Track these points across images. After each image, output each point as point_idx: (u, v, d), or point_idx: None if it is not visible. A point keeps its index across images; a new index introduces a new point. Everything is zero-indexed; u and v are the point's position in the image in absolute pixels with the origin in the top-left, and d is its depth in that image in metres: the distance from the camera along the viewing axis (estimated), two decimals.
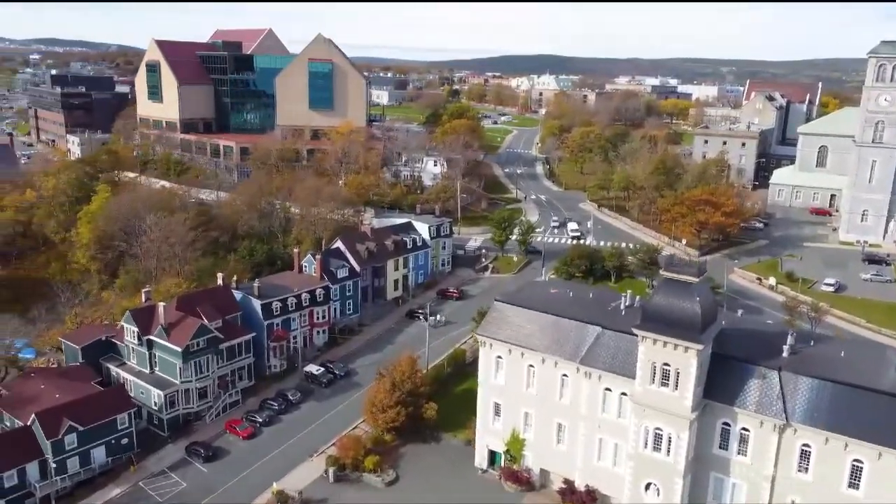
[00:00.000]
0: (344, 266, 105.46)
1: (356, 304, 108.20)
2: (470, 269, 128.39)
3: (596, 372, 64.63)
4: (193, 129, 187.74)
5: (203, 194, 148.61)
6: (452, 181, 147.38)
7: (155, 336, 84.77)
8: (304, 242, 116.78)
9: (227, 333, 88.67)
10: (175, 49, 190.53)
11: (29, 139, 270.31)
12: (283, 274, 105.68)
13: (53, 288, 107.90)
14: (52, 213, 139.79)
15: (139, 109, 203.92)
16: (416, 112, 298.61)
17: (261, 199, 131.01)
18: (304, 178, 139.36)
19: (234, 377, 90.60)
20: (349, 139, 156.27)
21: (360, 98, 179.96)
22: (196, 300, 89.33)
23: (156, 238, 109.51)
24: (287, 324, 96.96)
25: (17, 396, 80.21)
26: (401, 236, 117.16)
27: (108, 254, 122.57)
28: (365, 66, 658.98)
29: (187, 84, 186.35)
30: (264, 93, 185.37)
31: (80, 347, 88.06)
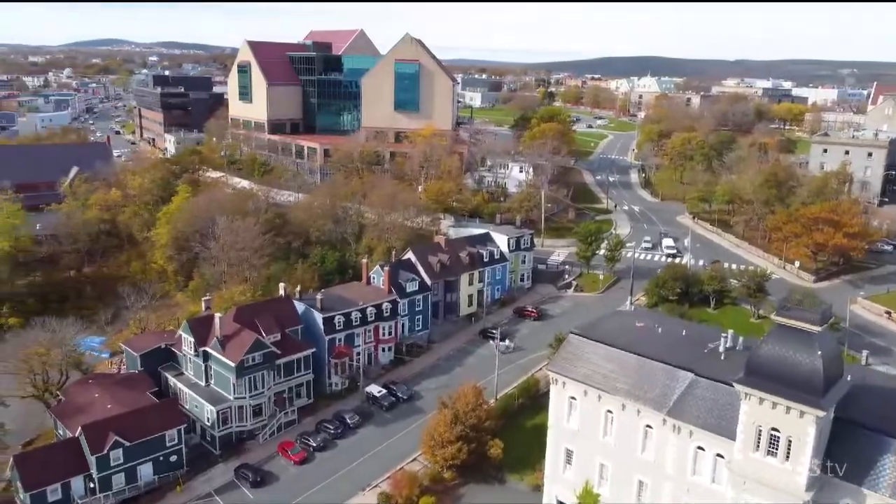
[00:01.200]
0: (414, 279, 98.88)
1: (426, 320, 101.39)
2: (551, 285, 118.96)
3: (686, 427, 54.51)
4: (280, 129, 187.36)
5: (281, 196, 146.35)
6: (537, 189, 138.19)
7: (211, 348, 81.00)
8: (375, 251, 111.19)
9: (286, 348, 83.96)
10: (265, 50, 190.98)
11: (134, 137, 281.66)
12: (350, 285, 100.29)
13: (128, 289, 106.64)
14: (138, 212, 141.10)
15: (230, 110, 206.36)
16: (506, 115, 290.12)
17: (336, 204, 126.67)
18: (381, 182, 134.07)
19: (292, 394, 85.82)
20: (431, 142, 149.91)
21: (446, 100, 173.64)
22: (255, 311, 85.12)
23: (226, 242, 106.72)
24: (350, 339, 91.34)
25: (71, 404, 78.42)
26: (477, 248, 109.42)
27: (183, 255, 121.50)
28: (460, 68, 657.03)
29: (276, 85, 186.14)
30: (351, 94, 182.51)
31: (139, 355, 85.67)
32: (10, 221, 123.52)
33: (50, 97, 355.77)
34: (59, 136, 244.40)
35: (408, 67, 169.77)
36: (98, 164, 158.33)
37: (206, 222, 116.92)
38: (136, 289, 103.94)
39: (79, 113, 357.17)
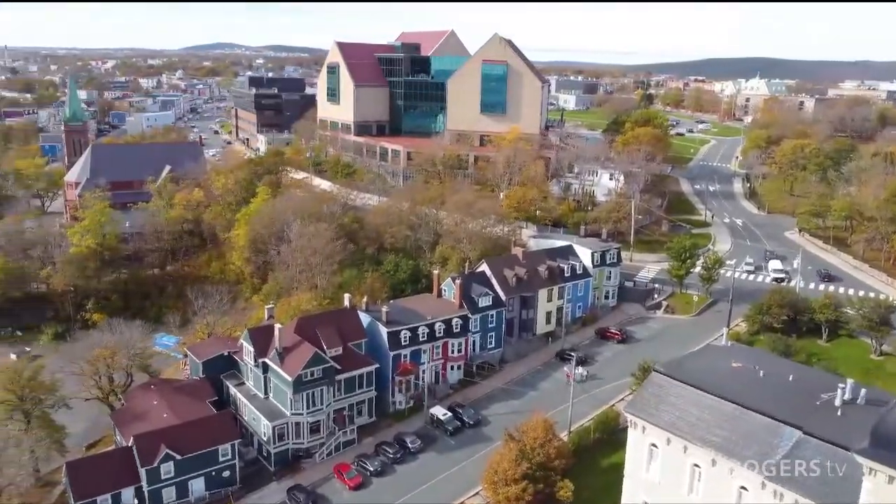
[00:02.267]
0: (487, 294, 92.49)
1: (499, 338, 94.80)
2: (639, 305, 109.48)
3: (791, 494, 45.55)
4: (366, 131, 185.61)
5: (361, 199, 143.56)
6: (628, 198, 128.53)
7: (270, 360, 77.73)
8: (449, 261, 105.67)
9: (347, 363, 79.60)
10: (354, 51, 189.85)
11: (230, 137, 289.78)
12: (420, 297, 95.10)
13: (199, 290, 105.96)
14: (222, 212, 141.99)
15: (319, 111, 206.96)
16: (600, 118, 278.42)
17: (413, 209, 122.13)
18: (462, 187, 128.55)
19: (353, 412, 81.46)
20: (516, 147, 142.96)
21: (535, 102, 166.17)
22: (317, 323, 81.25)
23: (298, 246, 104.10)
24: (416, 356, 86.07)
25: (130, 410, 77.19)
26: (557, 262, 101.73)
27: (259, 258, 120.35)
28: (555, 70, 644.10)
29: (363, 86, 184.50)
30: (437, 96, 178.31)
31: (202, 362, 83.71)
32: (97, 220, 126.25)
33: (157, 98, 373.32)
34: (162, 136, 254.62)
35: (495, 69, 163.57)
36: (188, 163, 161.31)
37: (282, 225, 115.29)
38: (215, 290, 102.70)
39: (183, 113, 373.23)
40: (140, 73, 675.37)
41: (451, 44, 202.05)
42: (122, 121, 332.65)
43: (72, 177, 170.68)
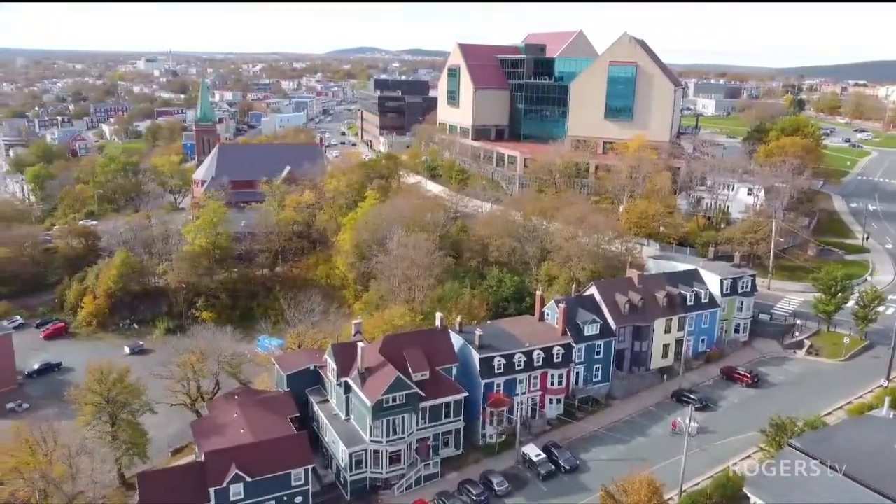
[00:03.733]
0: (595, 321, 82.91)
1: (606, 371, 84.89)
2: (775, 342, 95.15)
3: None
4: (485, 135, 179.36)
5: (471, 207, 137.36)
6: (768, 217, 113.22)
7: (351, 380, 72.89)
8: (556, 281, 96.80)
9: (434, 389, 73.28)
10: (476, 53, 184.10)
11: (356, 139, 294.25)
12: (519, 320, 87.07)
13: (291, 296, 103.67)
14: (333, 215, 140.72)
15: (438, 114, 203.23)
16: (741, 125, 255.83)
17: (525, 219, 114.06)
18: (576, 198, 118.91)
19: (437, 443, 75.07)
20: (641, 155, 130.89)
21: (666, 107, 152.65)
22: (405, 343, 75.47)
23: (397, 256, 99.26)
24: (511, 386, 78.32)
25: (210, 421, 74.92)
26: (679, 288, 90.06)
27: (362, 265, 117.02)
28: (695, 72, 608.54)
29: (483, 89, 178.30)
30: (559, 99, 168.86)
31: (287, 375, 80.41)
32: (210, 219, 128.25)
33: (292, 99, 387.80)
34: (292, 136, 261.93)
35: (623, 70, 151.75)
36: (308, 164, 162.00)
37: (386, 232, 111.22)
38: (306, 297, 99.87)
39: (316, 114, 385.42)
40: (284, 76, 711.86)
41: (579, 45, 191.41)
42: (258, 121, 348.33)
43: (199, 175, 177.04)
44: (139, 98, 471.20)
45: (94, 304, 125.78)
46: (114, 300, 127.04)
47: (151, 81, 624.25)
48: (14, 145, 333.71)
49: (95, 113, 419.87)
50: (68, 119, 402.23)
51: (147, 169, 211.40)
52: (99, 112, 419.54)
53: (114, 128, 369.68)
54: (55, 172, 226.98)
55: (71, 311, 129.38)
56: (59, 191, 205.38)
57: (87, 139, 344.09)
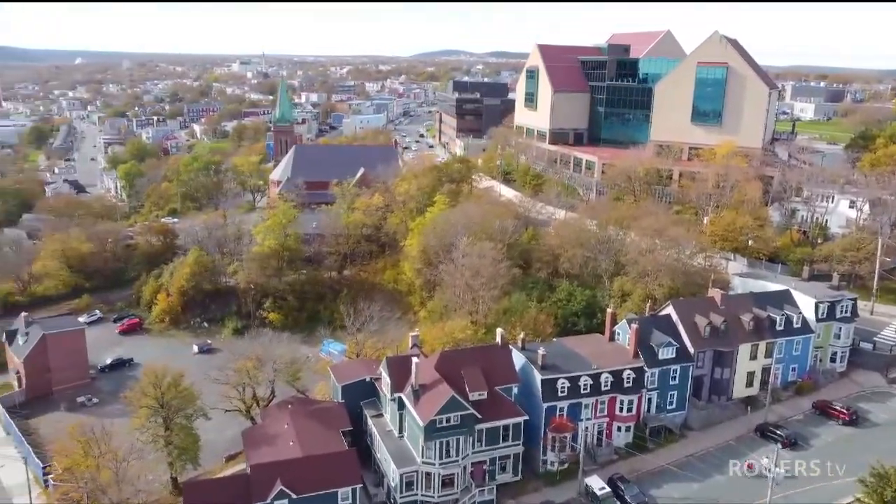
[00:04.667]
0: (671, 344, 76.26)
1: (682, 398, 78.03)
2: (878, 375, 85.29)
3: None
4: (562, 139, 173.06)
5: (545, 213, 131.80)
6: (873, 234, 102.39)
7: (405, 396, 69.40)
8: (630, 297, 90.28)
9: (492, 410, 68.87)
10: (555, 54, 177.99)
11: (434, 141, 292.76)
12: (588, 339, 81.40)
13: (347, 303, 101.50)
14: (403, 219, 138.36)
15: (516, 116, 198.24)
16: (844, 131, 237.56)
17: (602, 229, 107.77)
18: (656, 208, 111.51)
19: (494, 468, 70.61)
20: (729, 163, 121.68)
21: (758, 111, 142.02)
22: (463, 360, 71.39)
23: (462, 265, 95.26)
24: (575, 411, 72.92)
25: (261, 430, 73.26)
26: (768, 311, 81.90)
27: (429, 271, 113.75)
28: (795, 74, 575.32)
29: (562, 91, 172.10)
30: (642, 102, 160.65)
31: (341, 386, 77.83)
32: (279, 220, 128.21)
33: (373, 101, 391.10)
34: (371, 138, 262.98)
35: (712, 72, 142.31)
36: (381, 166, 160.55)
37: (454, 238, 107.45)
38: (366, 305, 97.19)
39: (395, 116, 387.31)
40: (368, 78, 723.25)
41: (666, 45, 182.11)
42: (339, 122, 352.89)
43: (275, 175, 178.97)
44: (230, 99, 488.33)
45: (168, 301, 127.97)
46: (186, 298, 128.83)
47: (244, 83, 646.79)
48: (112, 143, 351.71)
49: (188, 113, 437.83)
50: (163, 119, 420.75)
51: (228, 168, 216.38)
52: (191, 112, 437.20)
53: (204, 127, 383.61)
54: (145, 170, 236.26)
55: (146, 307, 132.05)
56: (147, 188, 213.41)
57: (178, 138, 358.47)
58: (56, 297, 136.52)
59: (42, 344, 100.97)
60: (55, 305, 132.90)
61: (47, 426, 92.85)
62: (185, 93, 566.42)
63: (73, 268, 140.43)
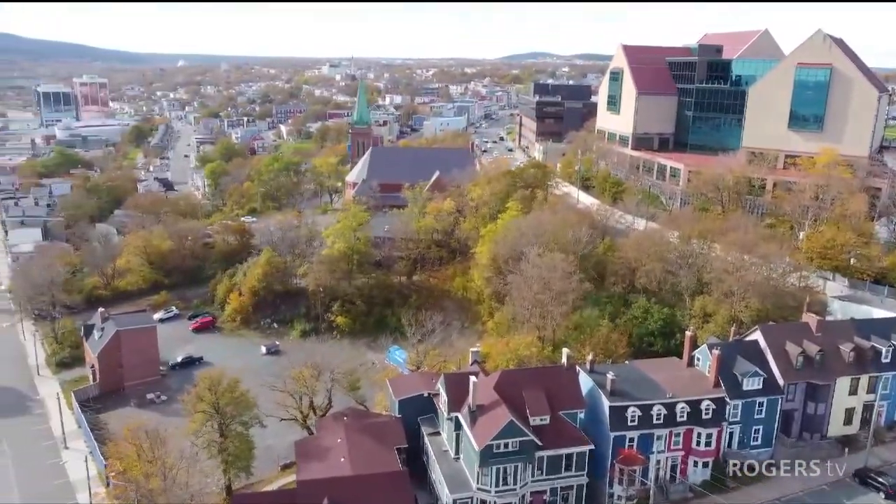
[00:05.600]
0: (757, 374, 69.06)
1: (768, 434, 70.72)
2: None
3: None
4: (646, 144, 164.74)
5: (624, 223, 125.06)
6: None
7: (462, 417, 65.63)
8: (712, 318, 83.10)
9: (554, 437, 64.29)
10: (641, 55, 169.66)
11: (513, 144, 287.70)
12: (663, 362, 75.18)
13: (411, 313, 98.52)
14: (475, 225, 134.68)
15: (597, 120, 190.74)
16: None
17: (685, 242, 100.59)
18: (745, 220, 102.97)
19: (556, 498, 65.85)
20: (830, 173, 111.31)
21: (866, 116, 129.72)
22: (524, 381, 67.13)
23: (530, 277, 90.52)
24: (646, 442, 67.04)
25: (314, 442, 71.46)
26: (872, 340, 73.19)
27: (498, 280, 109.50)
28: None
29: (647, 94, 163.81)
30: (734, 106, 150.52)
31: (398, 400, 74.87)
32: (349, 223, 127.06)
33: (455, 104, 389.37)
34: (450, 140, 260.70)
35: (814, 74, 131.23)
36: (456, 170, 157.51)
37: (523, 248, 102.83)
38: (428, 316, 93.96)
39: (476, 119, 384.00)
40: (453, 80, 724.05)
41: (763, 45, 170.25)
42: (420, 124, 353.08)
43: (351, 177, 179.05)
44: (318, 101, 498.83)
45: (239, 300, 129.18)
46: (257, 298, 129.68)
47: (332, 85, 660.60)
48: (204, 142, 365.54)
49: (276, 114, 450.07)
50: (252, 120, 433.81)
51: (308, 169, 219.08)
52: (279, 113, 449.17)
53: (289, 128, 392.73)
54: (231, 169, 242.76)
55: (220, 306, 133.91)
56: (230, 187, 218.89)
57: (265, 139, 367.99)
58: (136, 292, 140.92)
59: (115, 340, 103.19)
60: (135, 300, 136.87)
61: (117, 421, 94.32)
62: (276, 94, 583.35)
63: (153, 264, 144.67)
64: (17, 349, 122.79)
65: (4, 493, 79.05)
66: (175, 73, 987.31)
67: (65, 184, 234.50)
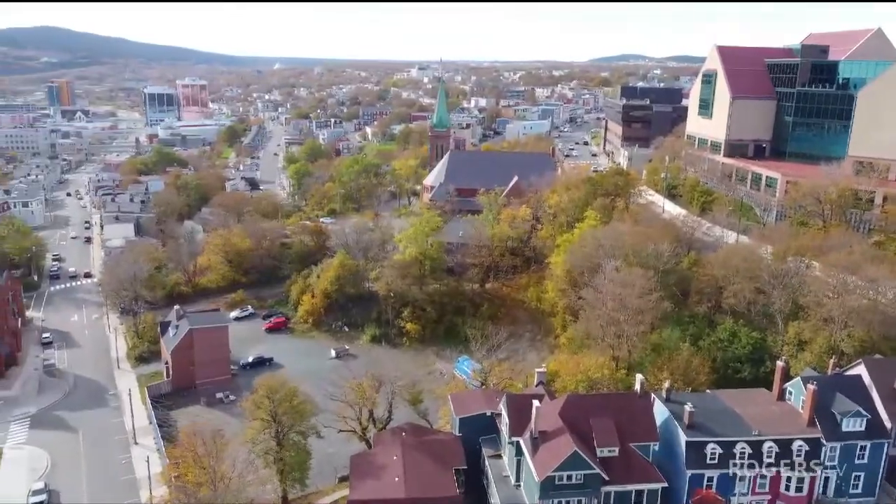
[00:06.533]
0: (860, 415, 61.35)
1: (871, 482, 62.76)
2: None
3: None
4: (740, 152, 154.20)
5: (712, 236, 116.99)
6: None
7: (523, 443, 61.52)
8: (808, 347, 75.23)
9: (622, 472, 59.29)
10: (737, 56, 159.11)
11: (598, 149, 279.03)
12: (750, 394, 68.30)
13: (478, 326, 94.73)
14: (552, 233, 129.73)
15: (688, 125, 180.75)
16: None
17: (776, 260, 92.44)
18: (850, 238, 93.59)
19: None
20: None
21: None
22: (592, 407, 62.37)
23: (605, 293, 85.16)
24: (726, 484, 60.84)
25: (369, 458, 68.80)
26: None
27: (571, 293, 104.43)
28: None
29: (743, 98, 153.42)
30: (841, 111, 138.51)
31: (459, 418, 71.49)
32: (422, 229, 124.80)
33: (539, 107, 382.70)
34: (532, 144, 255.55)
35: None
36: (534, 176, 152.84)
37: (601, 260, 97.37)
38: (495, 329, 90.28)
39: (562, 122, 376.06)
40: (539, 83, 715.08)
41: (875, 45, 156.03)
42: (504, 127, 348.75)
43: (429, 180, 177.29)
44: (403, 103, 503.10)
45: (312, 302, 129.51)
46: (329, 301, 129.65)
47: (419, 88, 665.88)
48: (293, 143, 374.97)
49: (363, 116, 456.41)
50: (339, 121, 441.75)
51: (387, 171, 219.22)
52: (366, 115, 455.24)
53: (374, 130, 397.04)
54: (314, 170, 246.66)
55: (293, 306, 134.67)
56: (312, 187, 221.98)
57: (350, 140, 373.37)
58: (216, 290, 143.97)
59: (188, 338, 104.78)
60: (214, 298, 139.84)
61: (186, 419, 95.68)
62: (365, 96, 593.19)
63: (231, 263, 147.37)
64: (102, 341, 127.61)
65: (74, 486, 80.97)
66: (271, 76, 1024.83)
67: (160, 181, 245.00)
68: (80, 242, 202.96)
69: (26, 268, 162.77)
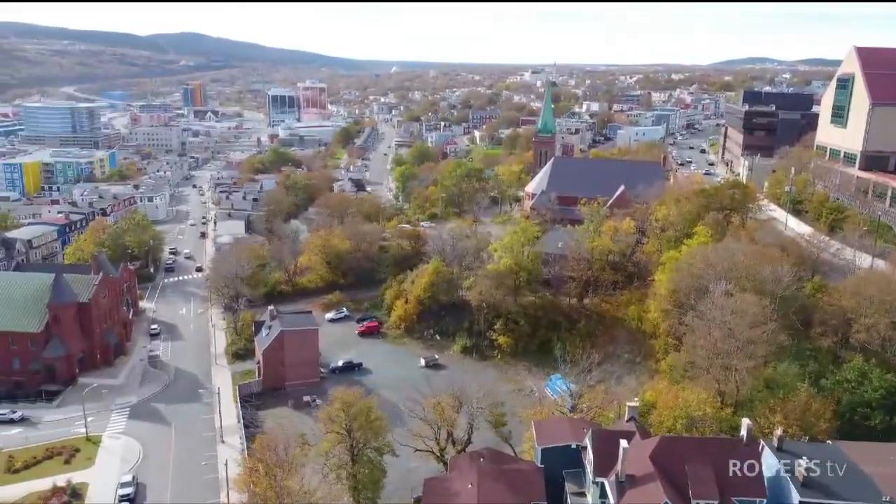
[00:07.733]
0: None
1: None
2: None
3: None
4: (879, 164, 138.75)
5: (841, 259, 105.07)
6: None
7: (608, 485, 55.92)
8: None
9: None
10: (878, 58, 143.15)
11: (715, 158, 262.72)
12: (882, 448, 59.12)
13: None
14: (658, 248, 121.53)
15: (818, 135, 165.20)
16: None
17: None
18: None
19: None
20: None
21: None
22: (688, 452, 55.81)
23: (712, 319, 77.36)
24: None
25: (443, 483, 65.44)
26: None
27: (675, 315, 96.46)
28: None
29: (884, 104, 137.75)
30: None
31: (541, 448, 66.57)
32: (518, 239, 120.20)
33: (654, 112, 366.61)
34: (644, 152, 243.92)
35: None
36: (642, 186, 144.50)
37: (710, 282, 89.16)
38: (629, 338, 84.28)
39: (678, 129, 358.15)
40: (656, 87, 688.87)
41: None
42: (614, 133, 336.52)
43: (531, 187, 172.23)
44: (513, 107, 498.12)
45: (405, 308, 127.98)
46: (422, 307, 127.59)
47: (531, 92, 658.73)
48: (402, 145, 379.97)
49: (472, 119, 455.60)
50: (449, 124, 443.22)
51: (491, 176, 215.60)
52: (475, 118, 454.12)
53: (482, 134, 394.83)
54: (420, 173, 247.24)
55: (387, 311, 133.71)
56: (416, 190, 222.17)
57: (457, 143, 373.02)
58: (314, 290, 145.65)
59: (279, 339, 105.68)
60: (312, 299, 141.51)
61: (272, 420, 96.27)
62: (476, 100, 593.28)
63: (330, 264, 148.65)
64: (204, 336, 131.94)
65: (160, 481, 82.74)
66: (388, 79, 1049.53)
67: (274, 180, 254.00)
68: (195, 237, 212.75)
69: (144, 260, 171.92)
